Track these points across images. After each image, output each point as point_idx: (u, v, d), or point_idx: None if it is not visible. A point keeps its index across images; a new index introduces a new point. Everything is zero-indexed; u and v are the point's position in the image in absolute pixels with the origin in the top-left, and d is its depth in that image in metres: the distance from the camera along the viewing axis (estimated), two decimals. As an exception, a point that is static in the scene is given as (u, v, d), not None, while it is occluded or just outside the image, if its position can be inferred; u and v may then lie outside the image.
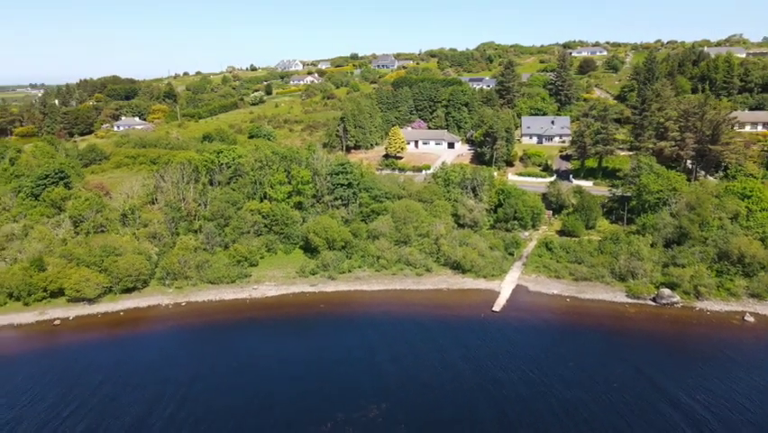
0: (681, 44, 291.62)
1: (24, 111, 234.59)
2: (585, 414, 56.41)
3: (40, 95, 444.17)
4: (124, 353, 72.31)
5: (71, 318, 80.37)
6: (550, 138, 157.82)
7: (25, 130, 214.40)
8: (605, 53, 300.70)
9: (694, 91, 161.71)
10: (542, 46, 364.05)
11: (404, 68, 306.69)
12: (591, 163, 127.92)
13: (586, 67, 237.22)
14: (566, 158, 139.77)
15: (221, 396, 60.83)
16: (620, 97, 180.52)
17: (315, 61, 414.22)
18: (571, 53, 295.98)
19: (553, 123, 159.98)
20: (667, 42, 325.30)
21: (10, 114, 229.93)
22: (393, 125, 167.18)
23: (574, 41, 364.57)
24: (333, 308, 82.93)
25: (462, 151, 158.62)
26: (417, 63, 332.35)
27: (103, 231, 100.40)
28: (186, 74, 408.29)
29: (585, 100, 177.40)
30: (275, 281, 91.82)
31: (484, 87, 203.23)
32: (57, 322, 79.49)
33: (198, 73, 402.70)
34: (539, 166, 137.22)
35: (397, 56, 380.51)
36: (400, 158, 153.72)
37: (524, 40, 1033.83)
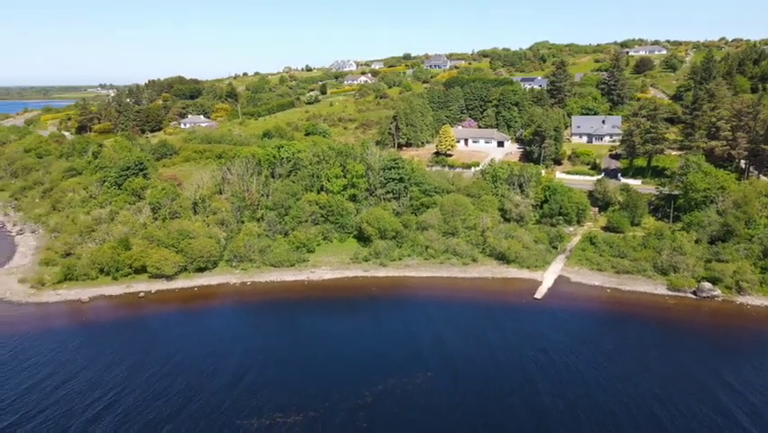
0: (745, 42, 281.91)
1: (102, 110, 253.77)
2: (621, 395, 60.46)
3: (110, 94, 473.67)
4: (198, 323, 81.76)
5: (153, 292, 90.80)
6: (600, 137, 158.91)
7: (103, 127, 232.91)
8: (664, 52, 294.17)
9: (754, 91, 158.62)
10: (598, 45, 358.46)
11: (456, 68, 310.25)
12: (641, 162, 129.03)
13: (642, 66, 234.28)
14: (615, 157, 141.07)
15: (284, 364, 68.58)
16: (676, 97, 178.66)
17: (369, 62, 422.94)
18: (627, 52, 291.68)
19: (603, 122, 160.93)
20: (732, 40, 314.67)
21: (89, 112, 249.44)
22: (444, 124, 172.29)
23: (632, 40, 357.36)
24: (383, 291, 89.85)
25: (512, 149, 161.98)
26: (469, 63, 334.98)
27: (177, 217, 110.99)
28: (245, 74, 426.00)
29: (638, 100, 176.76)
30: (330, 266, 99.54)
31: (536, 86, 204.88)
32: (141, 294, 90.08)
33: (257, 73, 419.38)
34: (587, 165, 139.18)
35: (450, 56, 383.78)
36: (450, 155, 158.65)
37: (580, 39, 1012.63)
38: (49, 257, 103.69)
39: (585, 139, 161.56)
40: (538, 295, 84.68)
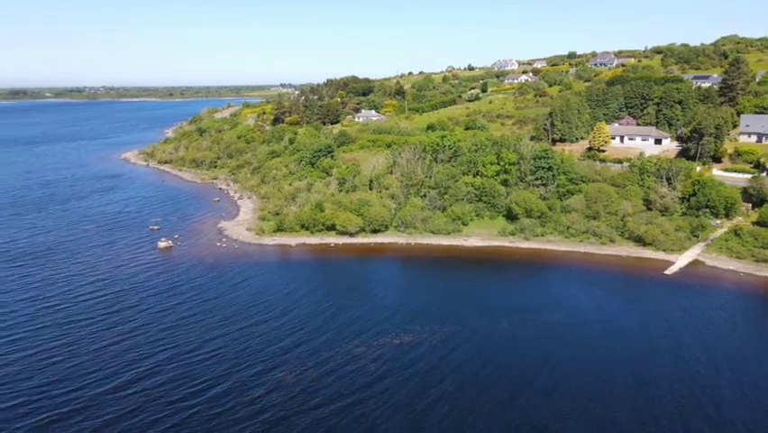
0: None
1: (292, 105, 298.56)
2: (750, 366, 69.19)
3: (289, 92, 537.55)
4: (372, 269, 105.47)
5: (340, 244, 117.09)
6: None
7: (292, 119, 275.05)
8: None
9: None
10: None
11: (623, 65, 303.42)
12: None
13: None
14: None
15: (436, 296, 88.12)
16: None
17: (531, 60, 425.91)
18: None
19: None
20: None
21: (283, 107, 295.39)
22: (600, 121, 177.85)
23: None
24: (525, 258, 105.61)
25: (669, 147, 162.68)
26: (639, 61, 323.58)
27: (357, 190, 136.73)
28: (410, 73, 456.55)
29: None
30: (480, 237, 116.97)
31: (712, 84, 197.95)
32: (332, 245, 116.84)
33: (422, 73, 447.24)
34: (750, 163, 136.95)
35: (618, 53, 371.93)
36: (603, 151, 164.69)
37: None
38: (264, 215, 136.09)
39: (755, 138, 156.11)
40: (668, 272, 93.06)
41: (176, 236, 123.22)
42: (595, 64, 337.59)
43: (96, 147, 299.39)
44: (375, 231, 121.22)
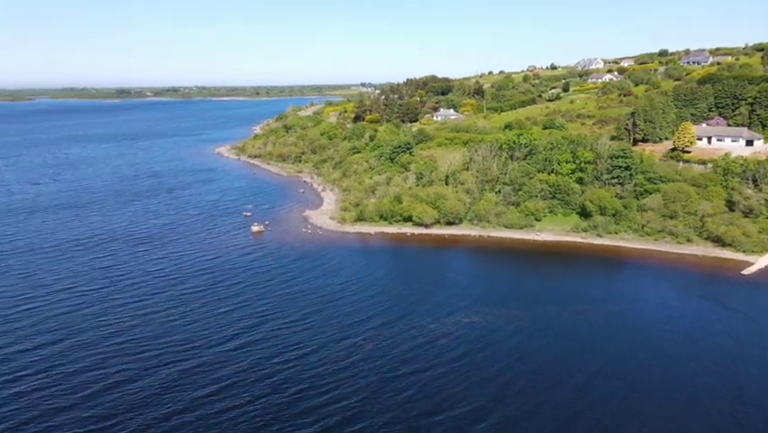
0: None
1: (373, 103, 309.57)
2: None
3: (369, 91, 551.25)
4: (445, 257, 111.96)
5: (416, 234, 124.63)
6: None
7: (373, 117, 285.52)
8: None
9: None
10: None
11: (717, 64, 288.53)
12: None
13: None
14: None
15: (504, 285, 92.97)
16: None
17: (618, 59, 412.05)
18: None
19: None
20: None
21: (364, 105, 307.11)
22: (686, 122, 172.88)
23: None
24: (597, 254, 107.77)
25: (762, 149, 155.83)
26: (737, 59, 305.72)
27: (433, 184, 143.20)
28: (490, 73, 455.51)
29: None
30: (552, 232, 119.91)
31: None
32: (408, 234, 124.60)
33: (502, 72, 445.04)
34: None
35: (715, 51, 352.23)
36: (688, 152, 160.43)
37: None
38: (345, 206, 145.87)
39: None
40: (746, 272, 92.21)
41: (266, 222, 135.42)
42: (687, 62, 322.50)
43: (192, 142, 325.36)
44: (449, 223, 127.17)
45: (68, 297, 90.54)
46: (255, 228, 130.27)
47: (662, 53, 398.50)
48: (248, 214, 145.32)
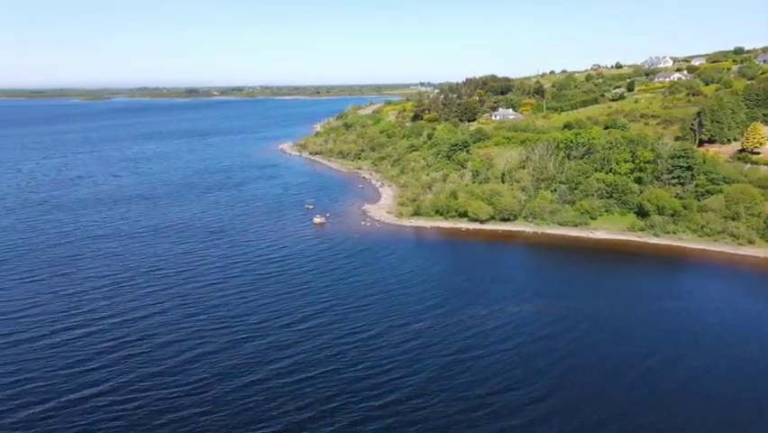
0: None
1: (432, 103, 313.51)
2: None
3: (430, 90, 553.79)
4: (500, 252, 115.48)
5: (471, 229, 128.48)
6: None
7: (431, 116, 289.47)
8: None
9: None
10: None
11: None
12: None
13: None
14: None
15: (556, 282, 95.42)
16: None
17: (688, 57, 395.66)
18: None
19: None
20: None
21: (423, 104, 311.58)
22: (757, 122, 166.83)
23: None
24: (653, 253, 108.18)
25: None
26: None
27: (489, 182, 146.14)
28: (552, 72, 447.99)
29: None
30: (608, 231, 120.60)
31: None
32: (463, 229, 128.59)
33: (564, 71, 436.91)
34: None
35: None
36: (757, 153, 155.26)
37: None
38: (403, 201, 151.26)
39: None
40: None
41: (327, 215, 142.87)
42: (764, 60, 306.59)
43: (256, 139, 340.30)
44: (504, 219, 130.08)
45: (153, 278, 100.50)
46: (317, 220, 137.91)
47: (738, 51, 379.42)
48: (310, 207, 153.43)
